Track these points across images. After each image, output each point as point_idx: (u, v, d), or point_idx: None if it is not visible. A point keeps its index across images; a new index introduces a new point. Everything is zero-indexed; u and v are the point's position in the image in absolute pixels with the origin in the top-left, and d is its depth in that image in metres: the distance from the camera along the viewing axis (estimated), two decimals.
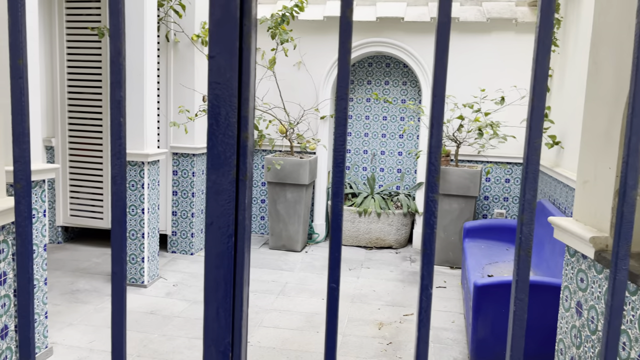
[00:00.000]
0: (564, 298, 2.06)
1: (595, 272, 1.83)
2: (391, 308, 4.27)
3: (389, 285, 4.80)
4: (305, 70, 6.00)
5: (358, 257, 5.59)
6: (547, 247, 4.00)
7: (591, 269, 1.85)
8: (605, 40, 1.86)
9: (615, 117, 1.76)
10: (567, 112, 4.44)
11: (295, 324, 3.89)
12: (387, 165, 6.38)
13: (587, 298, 1.86)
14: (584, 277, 1.90)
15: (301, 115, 5.85)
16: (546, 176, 4.90)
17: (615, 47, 1.79)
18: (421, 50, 5.75)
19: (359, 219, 5.85)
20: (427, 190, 0.73)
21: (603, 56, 1.86)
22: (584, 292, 1.89)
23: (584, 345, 1.85)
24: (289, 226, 5.64)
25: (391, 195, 6.18)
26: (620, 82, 1.74)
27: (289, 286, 4.66)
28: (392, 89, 6.25)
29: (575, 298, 1.96)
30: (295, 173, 5.50)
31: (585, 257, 1.89)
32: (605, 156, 1.81)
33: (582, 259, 1.92)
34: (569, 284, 2.02)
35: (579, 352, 1.88)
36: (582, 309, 1.89)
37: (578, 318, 1.92)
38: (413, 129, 6.23)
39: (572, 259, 2.01)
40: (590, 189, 1.89)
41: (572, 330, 1.96)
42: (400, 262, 5.47)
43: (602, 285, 1.77)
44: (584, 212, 1.94)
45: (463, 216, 5.29)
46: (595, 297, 1.81)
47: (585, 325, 1.86)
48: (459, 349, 3.62)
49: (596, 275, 1.82)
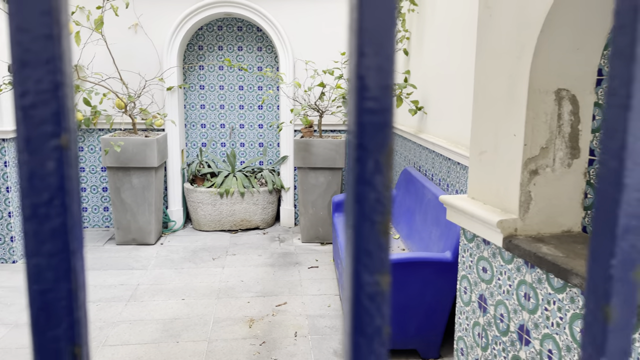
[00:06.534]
0: (462, 290, 1.76)
1: (502, 261, 1.54)
2: (262, 299, 3.82)
3: (259, 272, 4.34)
4: (143, 33, 5.14)
5: (222, 243, 5.04)
6: (418, 217, 3.85)
7: (497, 258, 1.56)
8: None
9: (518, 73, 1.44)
10: (428, 76, 4.30)
11: (150, 335, 3.26)
12: (247, 140, 5.84)
13: (493, 292, 1.57)
14: (488, 267, 1.61)
15: (143, 87, 5.02)
16: (410, 142, 4.77)
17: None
18: (276, 13, 5.23)
19: (221, 201, 5.27)
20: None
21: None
22: (488, 285, 1.60)
23: (491, 347, 1.56)
24: (138, 216, 4.86)
25: (254, 172, 5.68)
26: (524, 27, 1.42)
27: (141, 288, 3.96)
28: (246, 55, 5.67)
29: (476, 291, 1.67)
30: (140, 154, 4.71)
31: (488, 242, 1.60)
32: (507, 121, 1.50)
33: (484, 245, 1.63)
34: (468, 274, 1.72)
35: (485, 355, 1.59)
36: (486, 304, 1.61)
37: (482, 314, 1.63)
38: (273, 99, 5.74)
39: (470, 244, 1.71)
40: (490, 161, 1.58)
41: (474, 328, 1.67)
42: (269, 244, 5.04)
43: (512, 278, 1.48)
44: (483, 189, 1.63)
45: (331, 189, 5.00)
46: (504, 291, 1.52)
47: (492, 324, 1.57)
48: (338, 337, 3.31)
49: (504, 265, 1.52)
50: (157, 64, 5.21)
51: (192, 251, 4.80)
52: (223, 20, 5.59)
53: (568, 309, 1.25)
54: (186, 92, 5.66)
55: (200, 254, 4.72)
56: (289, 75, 5.27)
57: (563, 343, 1.24)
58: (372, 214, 0.24)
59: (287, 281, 4.17)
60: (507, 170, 1.50)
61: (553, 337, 1.28)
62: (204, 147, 5.77)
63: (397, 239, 4.14)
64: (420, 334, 3.02)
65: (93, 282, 4.05)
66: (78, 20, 4.85)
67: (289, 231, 5.48)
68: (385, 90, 0.23)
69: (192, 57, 5.60)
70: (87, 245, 4.95)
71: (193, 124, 5.74)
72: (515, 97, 1.45)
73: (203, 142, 5.79)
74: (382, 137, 0.23)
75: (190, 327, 3.37)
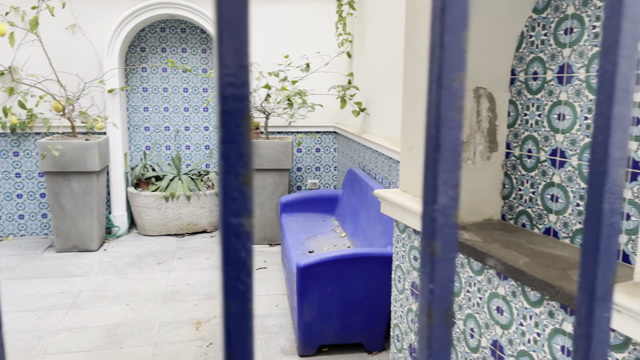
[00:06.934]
0: (397, 279, 1.86)
1: None
2: (209, 301, 3.82)
3: (206, 275, 4.32)
4: (82, 34, 5.01)
5: (168, 247, 4.97)
6: (363, 215, 3.96)
7: None
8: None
9: None
10: (370, 77, 4.43)
11: (93, 342, 3.19)
12: (193, 142, 5.79)
13: None
14: (418, 256, 1.70)
15: (82, 89, 4.89)
16: (355, 143, 4.89)
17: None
18: None
19: (167, 205, 5.20)
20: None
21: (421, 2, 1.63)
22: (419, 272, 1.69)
23: None
24: (79, 222, 4.73)
25: (201, 174, 5.64)
26: None
27: (83, 296, 3.86)
28: (191, 57, 5.63)
29: (409, 279, 1.77)
30: (80, 158, 4.59)
31: (418, 232, 1.69)
32: None
33: (415, 235, 1.72)
34: (402, 263, 1.81)
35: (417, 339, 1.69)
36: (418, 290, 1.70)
37: (414, 301, 1.72)
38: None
39: (402, 235, 1.80)
40: (418, 156, 1.68)
41: (408, 315, 1.76)
42: (216, 247, 5.02)
43: None
44: (412, 183, 1.73)
45: (278, 190, 5.04)
46: None
47: None
48: (285, 335, 3.36)
49: None
50: (97, 65, 5.09)
51: (137, 256, 4.71)
52: (166, 21, 5.53)
53: (486, 289, 1.36)
54: (129, 94, 5.55)
55: (145, 259, 4.65)
56: None
57: (483, 321, 1.34)
58: (236, 168, 0.29)
59: None
60: None
61: (474, 317, 1.38)
62: (148, 151, 5.68)
63: (343, 237, 4.23)
64: (365, 328, 3.11)
65: (31, 291, 3.92)
66: (12, 21, 4.67)
67: None
68: (241, 68, 0.29)
69: (134, 59, 5.50)
70: (24, 253, 4.77)
71: (136, 126, 5.64)
72: None
73: (147, 145, 5.69)
74: (241, 106, 0.29)
75: (134, 332, 3.33)
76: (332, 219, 4.69)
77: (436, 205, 0.35)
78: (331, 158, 5.79)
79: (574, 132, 1.39)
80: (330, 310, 3.04)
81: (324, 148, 5.74)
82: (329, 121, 5.64)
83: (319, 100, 5.29)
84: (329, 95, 5.26)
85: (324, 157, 5.77)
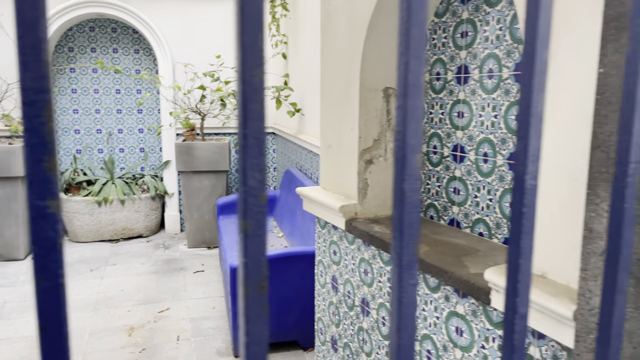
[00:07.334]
0: (319, 273, 1.91)
1: (347, 242, 1.69)
2: (144, 307, 3.74)
3: (141, 280, 4.23)
4: (4, 34, 4.78)
5: (102, 254, 4.83)
6: (299, 214, 4.00)
7: (343, 240, 1.72)
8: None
9: (351, 73, 1.60)
10: (304, 78, 4.48)
11: (19, 353, 3.07)
12: (127, 145, 5.64)
13: (342, 272, 1.73)
14: (337, 250, 1.76)
15: (5, 91, 4.67)
16: (291, 143, 4.93)
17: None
18: (153, 15, 5.13)
19: (99, 210, 5.04)
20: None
21: (335, 5, 1.69)
22: (338, 266, 1.75)
23: (342, 323, 1.71)
24: (5, 230, 4.51)
25: (136, 178, 5.50)
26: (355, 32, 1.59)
27: (8, 306, 3.69)
28: (122, 58, 5.48)
29: (330, 272, 1.82)
30: (4, 163, 4.38)
31: (336, 228, 1.75)
32: (345, 117, 1.66)
33: (334, 230, 1.78)
34: (323, 258, 1.87)
35: (338, 331, 1.74)
36: (337, 283, 1.76)
37: (335, 294, 1.78)
38: (153, 103, 5.61)
39: (323, 230, 1.86)
40: (335, 154, 1.74)
41: (330, 308, 1.82)
42: (152, 252, 4.92)
43: (355, 257, 1.64)
44: (331, 180, 1.79)
45: (216, 192, 5.01)
46: (349, 270, 1.68)
47: (342, 301, 1.73)
48: (221, 337, 3.35)
49: (348, 246, 1.68)
50: None
51: (68, 264, 4.54)
52: (95, 21, 5.36)
53: None
54: (56, 96, 5.34)
55: (76, 266, 4.49)
56: (168, 78, 5.19)
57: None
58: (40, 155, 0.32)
59: (171, 287, 4.11)
60: (348, 161, 1.66)
61: (385, 305, 1.45)
62: (79, 154, 5.49)
63: (280, 237, 4.26)
64: (300, 325, 3.15)
65: None
66: None
67: (174, 237, 5.39)
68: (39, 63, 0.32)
69: (61, 59, 5.31)
70: None
71: (65, 129, 5.43)
72: (350, 95, 1.62)
73: (77, 148, 5.50)
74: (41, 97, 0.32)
75: None
76: (271, 219, 4.71)
77: (246, 187, 0.39)
78: (270, 159, 5.80)
79: (471, 129, 1.49)
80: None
81: None
82: (267, 122, 5.65)
83: None
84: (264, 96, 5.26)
85: None
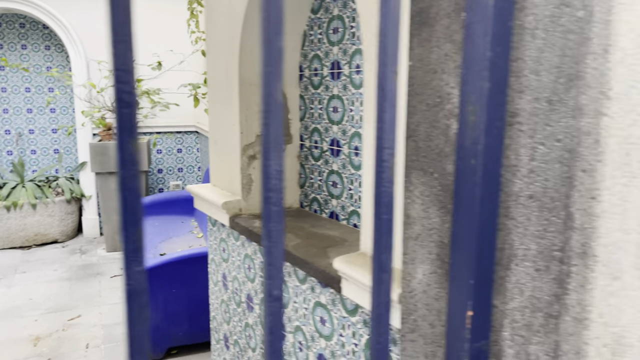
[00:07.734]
0: (212, 272, 1.89)
1: (233, 239, 1.68)
2: (53, 315, 3.57)
3: (52, 287, 4.03)
4: None
5: (11, 261, 4.56)
6: None
7: (230, 237, 1.71)
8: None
9: (231, 68, 1.59)
10: None
11: None
12: (39, 146, 5.36)
13: (231, 269, 1.72)
14: (225, 247, 1.75)
15: None
16: None
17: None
18: (64, 11, 4.89)
19: (8, 215, 4.76)
20: None
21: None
22: (227, 263, 1.74)
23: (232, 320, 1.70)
24: None
25: (49, 180, 5.23)
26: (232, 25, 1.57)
27: None
28: (32, 55, 5.19)
29: (220, 270, 1.80)
30: None
31: (224, 225, 1.74)
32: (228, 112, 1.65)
33: (222, 228, 1.76)
34: (215, 256, 1.85)
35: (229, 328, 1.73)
36: (227, 281, 1.74)
37: (225, 291, 1.77)
38: (67, 101, 5.35)
39: (214, 228, 1.84)
40: (221, 149, 1.72)
41: (222, 305, 1.80)
42: (67, 257, 4.70)
43: (240, 254, 1.63)
44: (219, 176, 1.77)
45: None
46: (236, 266, 1.67)
47: (231, 298, 1.71)
48: None
49: (235, 242, 1.67)
50: None
51: None
52: (2, 16, 5.05)
53: None
54: None
55: None
56: (82, 76, 4.97)
57: None
58: None
59: (84, 293, 3.95)
60: (232, 156, 1.65)
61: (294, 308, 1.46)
62: None
63: (200, 238, 4.18)
64: None
65: None
66: None
67: (93, 242, 5.17)
68: None
69: None
70: None
71: None
72: (231, 90, 1.61)
73: None
74: None
75: None
76: (192, 220, 4.62)
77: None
78: (194, 158, 5.69)
79: (344, 123, 1.52)
80: (177, 311, 3.00)
81: (185, 148, 5.63)
82: (191, 121, 5.54)
83: (175, 100, 5.17)
84: (182, 94, 5.17)
85: (186, 157, 5.65)
